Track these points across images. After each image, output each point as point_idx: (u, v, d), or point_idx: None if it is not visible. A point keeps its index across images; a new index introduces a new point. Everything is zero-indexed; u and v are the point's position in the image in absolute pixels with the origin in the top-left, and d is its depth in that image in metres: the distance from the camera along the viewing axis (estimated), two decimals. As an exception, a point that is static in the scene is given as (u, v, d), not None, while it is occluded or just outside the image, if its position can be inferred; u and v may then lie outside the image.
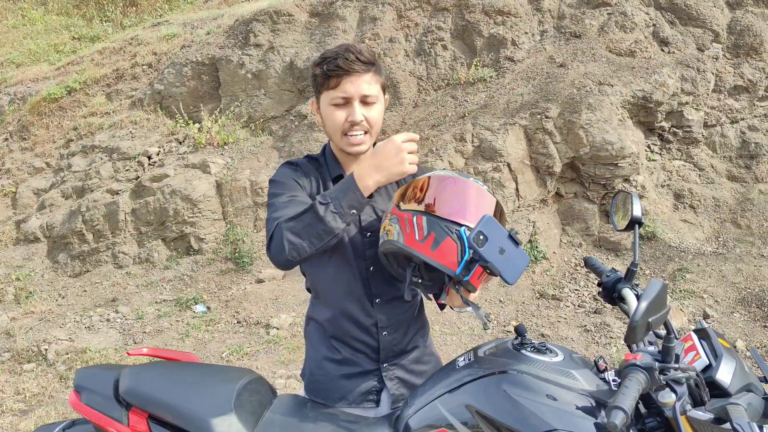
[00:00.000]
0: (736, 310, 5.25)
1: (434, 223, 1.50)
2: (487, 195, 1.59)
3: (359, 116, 1.68)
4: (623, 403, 1.19)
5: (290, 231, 1.57)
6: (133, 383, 1.71)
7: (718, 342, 1.48)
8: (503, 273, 1.42)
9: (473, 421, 1.47)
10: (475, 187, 1.58)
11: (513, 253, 1.43)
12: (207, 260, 6.64)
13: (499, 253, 1.42)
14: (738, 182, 6.63)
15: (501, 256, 1.42)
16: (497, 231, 1.42)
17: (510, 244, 1.43)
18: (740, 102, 6.84)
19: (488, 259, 1.41)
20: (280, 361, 4.83)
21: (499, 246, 1.41)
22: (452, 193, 1.55)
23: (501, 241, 1.42)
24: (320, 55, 1.73)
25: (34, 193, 7.86)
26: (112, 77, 9.02)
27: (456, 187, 1.57)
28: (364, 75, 1.68)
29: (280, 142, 7.52)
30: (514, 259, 1.43)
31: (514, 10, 7.35)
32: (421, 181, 1.61)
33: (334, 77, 1.67)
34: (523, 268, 1.45)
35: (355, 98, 1.68)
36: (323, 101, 1.73)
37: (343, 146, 1.75)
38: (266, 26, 8.13)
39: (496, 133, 6.28)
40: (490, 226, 1.41)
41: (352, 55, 1.66)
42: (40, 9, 13.02)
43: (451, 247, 1.47)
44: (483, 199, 1.57)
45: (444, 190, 1.56)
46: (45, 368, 4.93)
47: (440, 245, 1.48)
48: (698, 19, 6.96)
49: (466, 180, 1.60)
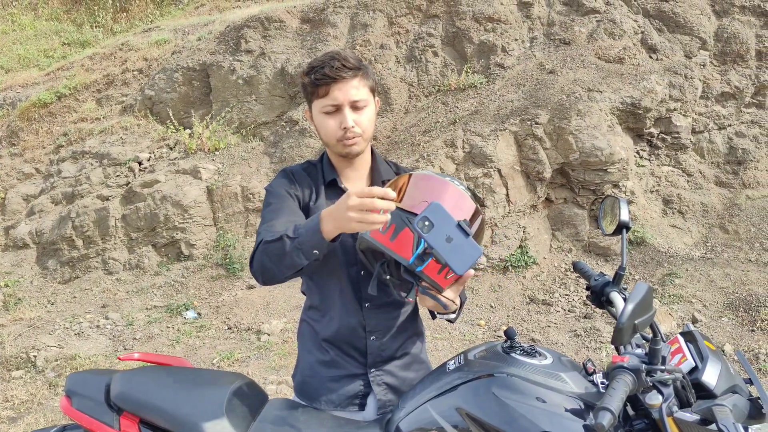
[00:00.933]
0: (724, 315, 5.29)
1: (396, 215, 1.50)
2: (464, 197, 1.59)
3: (350, 122, 1.71)
4: (610, 405, 1.21)
5: (266, 255, 1.58)
6: (125, 388, 1.70)
7: (704, 344, 1.50)
8: (450, 261, 1.38)
9: (464, 424, 1.48)
10: (452, 187, 1.58)
11: (462, 242, 1.39)
12: (198, 266, 6.62)
13: (446, 241, 1.37)
14: (726, 188, 6.70)
15: (448, 245, 1.37)
16: (445, 219, 1.38)
17: (459, 234, 1.39)
18: (727, 108, 6.91)
19: (433, 245, 1.37)
20: (271, 367, 4.83)
21: (446, 234, 1.37)
22: (422, 189, 1.57)
23: (448, 230, 1.38)
24: (308, 65, 1.75)
25: (24, 199, 7.82)
26: (102, 83, 9.00)
27: (429, 184, 1.59)
28: (351, 80, 1.70)
29: (272, 148, 7.53)
30: (463, 249, 1.39)
31: (504, 17, 7.40)
32: (401, 179, 1.64)
33: (322, 86, 1.69)
34: (473, 260, 1.40)
35: (344, 104, 1.70)
36: (315, 110, 1.76)
37: (339, 150, 1.77)
38: (257, 32, 8.14)
39: (486, 139, 6.31)
40: (436, 213, 1.38)
41: (337, 62, 1.68)
42: (30, 14, 12.97)
43: (408, 237, 1.48)
44: (459, 199, 1.57)
45: (416, 186, 1.59)
46: (34, 375, 4.89)
47: (398, 236, 1.49)
48: (686, 26, 7.04)
49: (444, 179, 1.61)
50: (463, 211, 1.56)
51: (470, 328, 5.38)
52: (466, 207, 1.58)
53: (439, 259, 1.40)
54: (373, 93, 1.80)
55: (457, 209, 1.54)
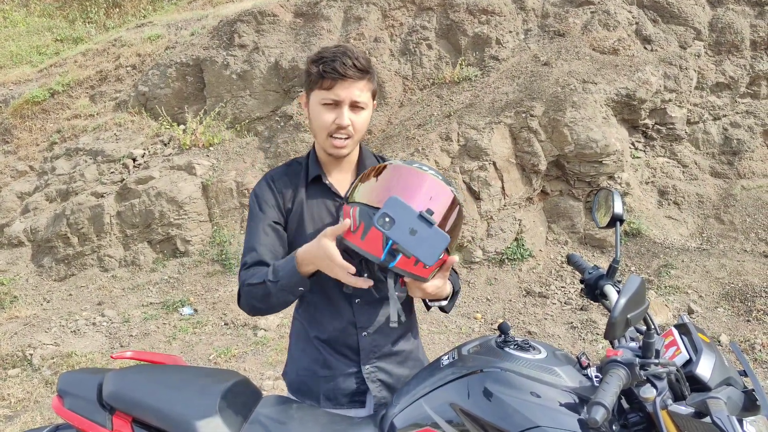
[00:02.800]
0: (720, 305, 5.30)
1: (364, 213, 1.48)
2: (437, 185, 1.54)
3: (346, 120, 1.70)
4: (604, 399, 1.21)
5: (253, 297, 1.67)
6: (117, 387, 1.70)
7: (698, 337, 1.50)
8: (417, 254, 1.38)
9: (458, 420, 1.47)
10: (421, 177, 1.53)
11: (426, 233, 1.38)
12: (193, 262, 6.61)
13: (411, 234, 1.37)
14: (721, 178, 6.70)
15: (413, 237, 1.37)
16: (405, 212, 1.37)
17: (422, 225, 1.38)
18: (722, 99, 6.91)
19: (396, 240, 1.37)
20: (267, 363, 4.82)
21: (408, 227, 1.37)
22: (391, 182, 1.53)
23: (410, 222, 1.37)
24: (318, 53, 1.73)
25: (18, 197, 7.79)
26: (95, 79, 8.95)
27: (398, 175, 1.54)
28: (358, 82, 1.69)
29: (266, 143, 7.50)
30: (428, 240, 1.39)
31: (498, 9, 7.38)
32: (368, 172, 1.62)
33: (328, 78, 1.67)
34: (441, 248, 1.40)
35: (345, 102, 1.69)
36: (313, 98, 1.74)
37: (326, 147, 1.76)
38: (251, 27, 8.10)
39: (481, 131, 6.30)
40: (395, 208, 1.37)
41: (349, 60, 1.67)
42: (21, 11, 12.89)
43: (377, 235, 1.44)
44: (429, 188, 1.52)
45: (384, 179, 1.55)
46: (30, 373, 4.88)
47: (368, 234, 1.46)
48: (680, 17, 7.02)
49: (412, 169, 1.56)
50: (434, 200, 1.51)
51: (466, 322, 5.38)
52: (439, 196, 1.53)
53: (405, 253, 1.39)
54: (373, 96, 1.80)
55: (425, 199, 1.49)
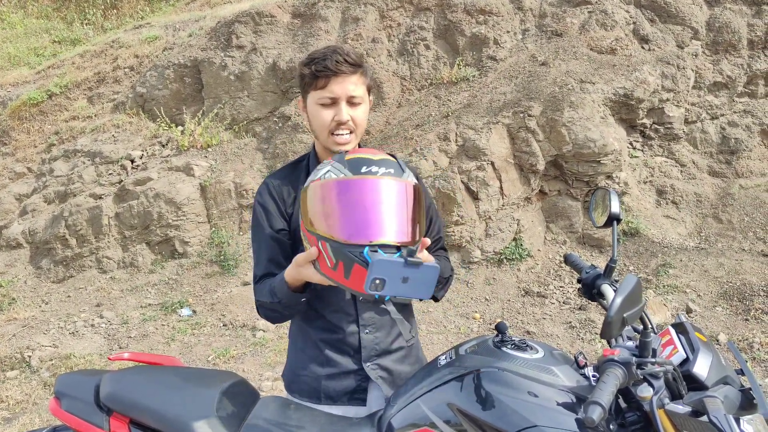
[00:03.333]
0: (718, 304, 5.30)
1: (338, 251, 1.43)
2: (394, 186, 1.47)
3: (345, 116, 1.71)
4: (600, 398, 1.21)
5: (265, 310, 1.78)
6: (114, 388, 1.70)
7: (695, 336, 1.50)
8: (414, 296, 1.38)
9: (455, 420, 1.47)
10: (373, 186, 1.46)
11: (417, 275, 1.36)
12: (192, 263, 6.60)
13: (403, 282, 1.35)
14: (719, 177, 6.71)
15: (407, 285, 1.36)
16: (391, 267, 1.34)
17: (411, 270, 1.35)
18: (720, 98, 6.91)
19: (395, 294, 1.36)
20: (266, 364, 4.82)
21: (400, 278, 1.35)
22: (346, 206, 1.45)
23: (400, 273, 1.35)
24: (308, 56, 1.75)
25: (16, 199, 7.78)
26: (93, 81, 8.95)
27: (348, 195, 1.45)
28: (351, 76, 1.72)
29: (264, 144, 7.50)
30: (421, 279, 1.37)
31: (496, 9, 7.38)
32: (310, 193, 1.52)
33: (322, 78, 1.70)
34: (434, 280, 1.38)
35: (341, 99, 1.71)
36: (310, 100, 1.76)
37: (329, 145, 1.76)
38: (248, 28, 8.10)
39: (479, 132, 6.30)
40: (381, 268, 1.33)
41: (339, 56, 1.69)
42: (19, 12, 12.88)
43: (360, 272, 1.39)
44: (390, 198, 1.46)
45: (333, 203, 1.46)
46: (29, 375, 4.88)
47: (351, 272, 1.41)
48: (677, 16, 7.03)
49: (358, 181, 1.46)
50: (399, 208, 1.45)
51: (465, 322, 5.38)
52: (400, 198, 1.47)
53: (403, 301, 1.40)
54: (368, 91, 1.81)
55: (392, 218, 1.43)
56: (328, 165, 1.53)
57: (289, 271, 1.63)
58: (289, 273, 1.63)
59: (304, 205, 1.53)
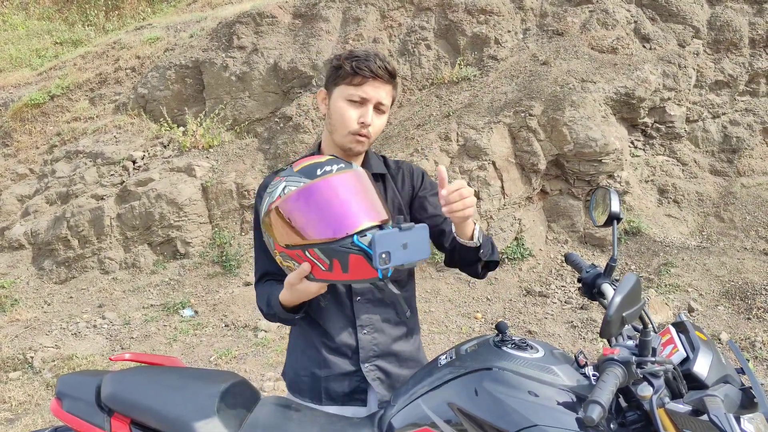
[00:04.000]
0: (720, 303, 5.30)
1: (329, 250, 1.45)
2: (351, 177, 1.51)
3: (371, 119, 1.73)
4: (600, 397, 1.21)
5: (267, 316, 1.78)
6: (115, 389, 1.70)
7: (695, 335, 1.50)
8: (418, 257, 1.42)
9: (456, 419, 1.47)
10: (334, 182, 1.48)
11: (412, 236, 1.41)
12: (194, 264, 6.61)
13: (404, 249, 1.40)
14: (721, 176, 6.70)
15: (408, 250, 1.40)
16: (391, 238, 1.39)
17: (407, 233, 1.40)
18: (721, 97, 6.91)
19: (402, 263, 1.40)
20: (268, 364, 4.82)
21: (400, 246, 1.40)
22: (320, 207, 1.46)
23: (399, 241, 1.40)
24: (349, 51, 1.77)
25: (18, 200, 7.79)
26: (95, 82, 8.96)
27: (318, 197, 1.47)
28: (386, 85, 1.74)
29: (266, 144, 7.51)
30: (417, 241, 1.42)
31: (497, 8, 7.38)
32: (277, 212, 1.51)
33: (360, 75, 1.70)
34: (427, 239, 1.44)
35: (371, 101, 1.72)
36: (337, 94, 1.75)
37: (345, 142, 1.76)
38: (249, 28, 8.11)
39: (480, 131, 6.30)
40: (384, 241, 1.38)
41: (381, 62, 1.72)
42: (21, 14, 12.91)
43: (358, 260, 1.43)
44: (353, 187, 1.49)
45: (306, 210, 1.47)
46: (31, 376, 4.89)
47: (348, 265, 1.44)
48: (679, 15, 7.02)
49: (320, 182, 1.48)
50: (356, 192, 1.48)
51: (467, 321, 5.38)
52: (355, 184, 1.50)
53: (409, 267, 1.43)
54: (392, 103, 1.84)
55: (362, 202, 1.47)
56: (282, 182, 1.52)
57: (283, 294, 1.63)
58: (284, 296, 1.64)
59: (273, 228, 1.52)
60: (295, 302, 1.66)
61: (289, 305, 1.67)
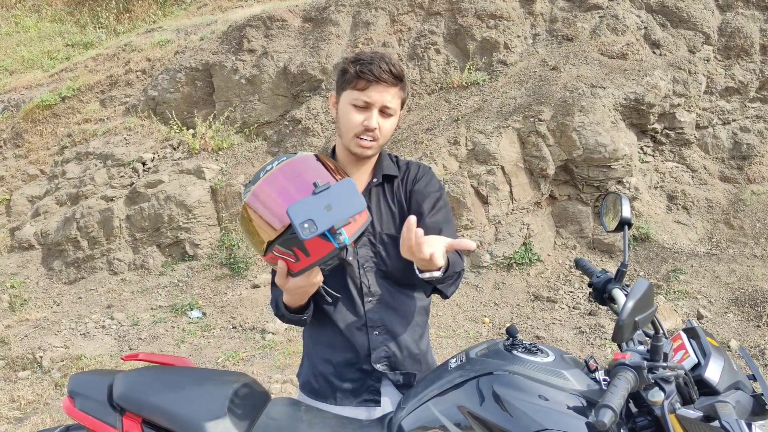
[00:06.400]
0: (729, 311, 5.27)
1: (286, 242, 1.48)
2: (277, 173, 1.53)
3: (374, 123, 1.73)
4: (612, 402, 1.21)
5: (278, 317, 1.83)
6: (127, 388, 1.71)
7: (706, 341, 1.50)
8: (349, 213, 1.37)
9: (466, 423, 1.47)
10: (263, 185, 1.53)
11: (334, 195, 1.38)
12: (202, 266, 6.63)
13: (328, 210, 1.36)
14: (730, 183, 6.67)
15: (334, 210, 1.37)
16: (306, 204, 1.37)
17: (326, 194, 1.38)
18: (732, 103, 6.88)
19: (329, 225, 1.35)
20: (275, 366, 4.83)
21: (322, 208, 1.36)
22: (263, 209, 1.52)
23: (319, 204, 1.37)
24: (356, 55, 1.78)
25: (29, 201, 7.85)
26: (105, 84, 9.02)
27: (260, 200, 1.53)
28: (391, 87, 1.74)
29: (275, 147, 7.53)
30: (342, 197, 1.38)
31: (507, 13, 7.38)
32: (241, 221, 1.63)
33: (363, 80, 1.71)
34: (354, 190, 1.39)
35: (376, 105, 1.73)
36: (344, 98, 1.77)
37: (351, 146, 1.78)
38: (260, 32, 8.14)
39: (489, 136, 6.30)
40: (298, 211, 1.36)
41: (386, 65, 1.71)
42: (33, 16, 13.00)
43: (315, 241, 1.43)
44: (280, 181, 1.52)
45: (258, 212, 1.53)
46: (40, 375, 4.91)
47: (307, 248, 1.47)
48: (689, 21, 7.00)
49: (258, 185, 1.54)
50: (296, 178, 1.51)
51: (474, 326, 5.37)
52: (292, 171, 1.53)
53: (344, 223, 1.37)
54: (402, 105, 1.83)
55: (295, 181, 1.49)
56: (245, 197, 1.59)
57: (285, 296, 1.68)
58: (285, 298, 1.69)
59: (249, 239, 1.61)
60: (298, 302, 1.69)
61: (292, 306, 1.71)
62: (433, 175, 1.97)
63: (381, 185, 1.88)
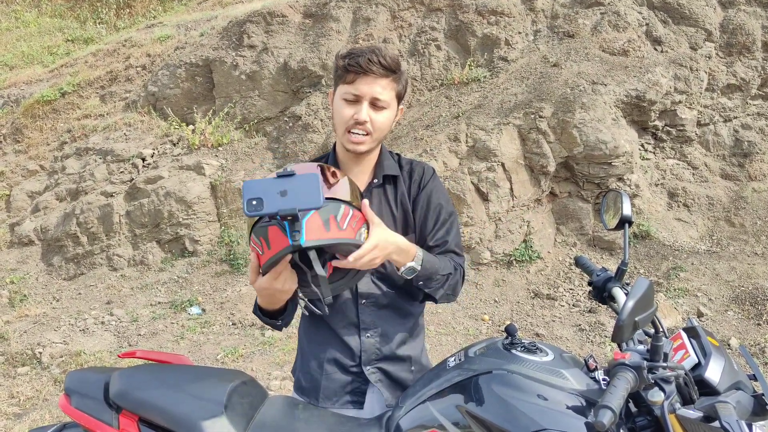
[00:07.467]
0: (730, 309, 5.26)
1: (257, 231, 1.45)
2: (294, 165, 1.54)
3: (364, 116, 1.69)
4: (611, 402, 1.20)
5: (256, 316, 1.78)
6: (124, 386, 1.70)
7: (707, 340, 1.49)
8: (302, 205, 1.32)
9: (464, 422, 1.47)
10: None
11: (295, 185, 1.34)
12: (202, 262, 6.62)
13: (282, 196, 1.32)
14: (731, 180, 6.65)
15: (287, 198, 1.32)
16: (263, 184, 1.33)
17: (285, 182, 1.34)
18: (733, 101, 6.86)
19: (276, 210, 1.31)
20: (275, 363, 4.83)
21: (277, 193, 1.33)
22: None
23: (275, 188, 1.33)
24: (348, 49, 1.75)
25: (28, 196, 7.84)
26: (105, 79, 9.00)
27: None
28: (380, 79, 1.69)
29: (275, 143, 7.52)
30: (301, 188, 1.34)
31: (508, 10, 7.36)
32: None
33: (351, 73, 1.68)
34: (317, 186, 1.34)
35: (365, 98, 1.69)
36: (338, 93, 1.75)
37: (343, 142, 1.76)
38: (260, 27, 8.12)
39: (490, 133, 6.28)
40: (254, 187, 1.33)
41: (375, 57, 1.67)
42: (33, 11, 12.98)
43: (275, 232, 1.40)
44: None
45: None
46: (39, 371, 4.91)
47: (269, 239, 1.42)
48: (691, 18, 6.98)
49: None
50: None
51: (474, 323, 5.37)
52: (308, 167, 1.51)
53: (295, 215, 1.33)
54: (399, 99, 1.78)
55: None
56: None
57: (258, 298, 1.66)
58: (258, 300, 1.67)
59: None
60: (270, 306, 1.65)
61: (265, 309, 1.68)
62: (438, 180, 1.93)
63: (382, 186, 1.85)
